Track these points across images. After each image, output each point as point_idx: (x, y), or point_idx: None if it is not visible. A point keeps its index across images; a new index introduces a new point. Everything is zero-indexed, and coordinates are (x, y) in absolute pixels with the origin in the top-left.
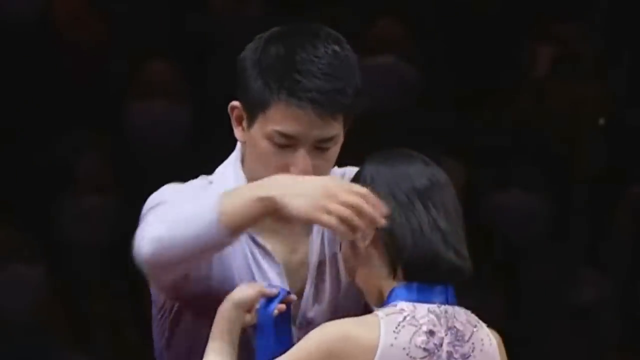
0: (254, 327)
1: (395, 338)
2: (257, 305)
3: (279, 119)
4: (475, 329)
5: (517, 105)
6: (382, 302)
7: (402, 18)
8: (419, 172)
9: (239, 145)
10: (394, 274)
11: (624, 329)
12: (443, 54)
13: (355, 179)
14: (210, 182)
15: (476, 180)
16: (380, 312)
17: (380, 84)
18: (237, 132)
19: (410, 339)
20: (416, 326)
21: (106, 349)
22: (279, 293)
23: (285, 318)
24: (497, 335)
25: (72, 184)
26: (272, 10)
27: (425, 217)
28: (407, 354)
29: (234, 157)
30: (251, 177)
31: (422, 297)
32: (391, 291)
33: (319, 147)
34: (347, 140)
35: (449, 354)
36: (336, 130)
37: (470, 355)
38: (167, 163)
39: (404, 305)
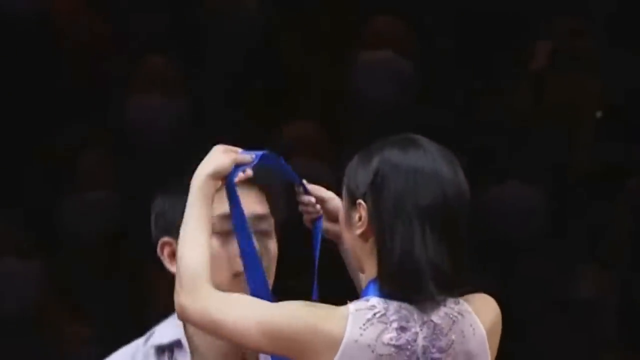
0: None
1: (361, 335)
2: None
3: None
4: (455, 321)
5: (515, 99)
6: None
7: (400, 13)
8: (424, 170)
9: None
10: (380, 277)
11: (623, 325)
12: (442, 49)
13: (363, 163)
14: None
15: (474, 174)
16: (352, 306)
17: (379, 80)
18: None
19: (377, 336)
20: (386, 323)
21: (105, 343)
22: (253, 160)
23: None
24: (491, 313)
25: (71, 178)
26: (269, 4)
27: (419, 237)
28: (373, 351)
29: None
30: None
31: (397, 295)
32: (369, 282)
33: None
34: (346, 136)
35: (425, 348)
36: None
37: (449, 348)
38: (166, 157)
39: (375, 301)
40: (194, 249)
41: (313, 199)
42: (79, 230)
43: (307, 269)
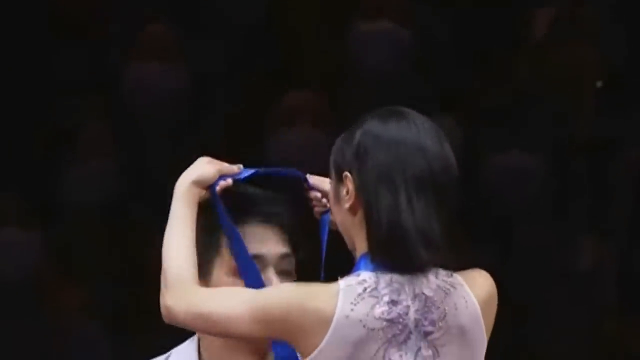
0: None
1: (352, 310)
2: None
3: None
4: (447, 293)
5: (515, 67)
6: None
7: None
8: (410, 144)
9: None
10: (369, 247)
11: (623, 295)
12: (440, 18)
13: (347, 138)
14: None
15: (475, 142)
16: (342, 282)
17: (378, 50)
18: None
19: (369, 311)
20: (377, 297)
21: (105, 313)
22: (240, 172)
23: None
24: (485, 287)
25: (70, 148)
26: None
27: (404, 202)
28: (364, 326)
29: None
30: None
31: (387, 268)
32: (360, 257)
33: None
34: (346, 105)
35: (417, 321)
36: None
37: (441, 321)
38: (166, 126)
39: (366, 276)
40: (179, 252)
41: (319, 194)
42: (79, 199)
43: (313, 261)
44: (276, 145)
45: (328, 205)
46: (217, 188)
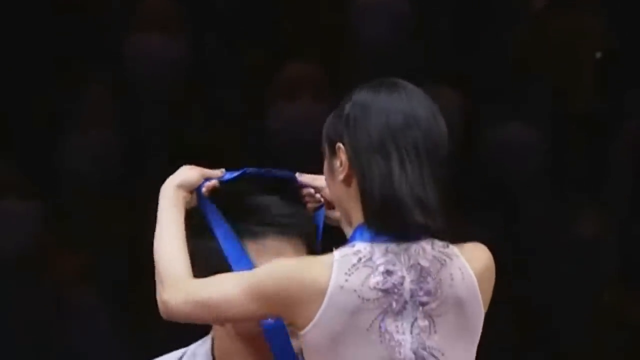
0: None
1: (346, 280)
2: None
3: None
4: (443, 264)
5: (515, 38)
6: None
7: None
8: (400, 112)
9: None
10: (364, 215)
11: (623, 264)
12: None
13: (337, 112)
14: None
15: (474, 113)
16: (336, 253)
17: (378, 21)
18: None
19: (364, 281)
20: (372, 267)
21: (104, 285)
22: (223, 175)
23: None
24: (483, 260)
25: (71, 119)
26: None
27: (397, 167)
28: (359, 296)
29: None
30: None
31: (383, 238)
32: (356, 228)
33: None
34: (344, 76)
35: (412, 291)
36: None
37: (437, 292)
38: (166, 98)
39: (361, 246)
40: (171, 249)
41: (312, 190)
42: (78, 170)
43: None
44: (276, 118)
45: (322, 200)
46: (204, 189)
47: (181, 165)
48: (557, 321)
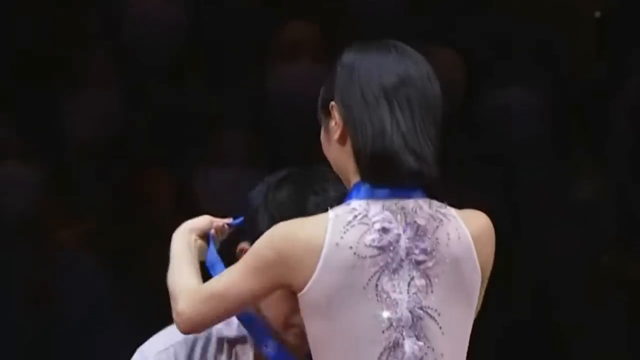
0: None
1: (342, 237)
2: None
3: None
4: (439, 224)
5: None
6: None
7: None
8: (391, 66)
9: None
10: (359, 171)
11: (621, 226)
12: None
13: (330, 74)
14: None
15: (474, 76)
16: (332, 212)
17: None
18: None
19: (359, 238)
20: (367, 224)
21: (105, 249)
22: (231, 222)
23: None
24: (480, 224)
25: (70, 81)
26: None
27: (388, 117)
28: (355, 253)
29: None
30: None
31: (379, 195)
32: (352, 187)
33: None
34: (347, 39)
35: (408, 249)
36: None
37: (433, 250)
38: (166, 57)
39: (356, 204)
40: (185, 274)
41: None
42: (78, 133)
43: None
44: (276, 78)
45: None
46: (212, 230)
47: (185, 127)
48: (555, 282)
